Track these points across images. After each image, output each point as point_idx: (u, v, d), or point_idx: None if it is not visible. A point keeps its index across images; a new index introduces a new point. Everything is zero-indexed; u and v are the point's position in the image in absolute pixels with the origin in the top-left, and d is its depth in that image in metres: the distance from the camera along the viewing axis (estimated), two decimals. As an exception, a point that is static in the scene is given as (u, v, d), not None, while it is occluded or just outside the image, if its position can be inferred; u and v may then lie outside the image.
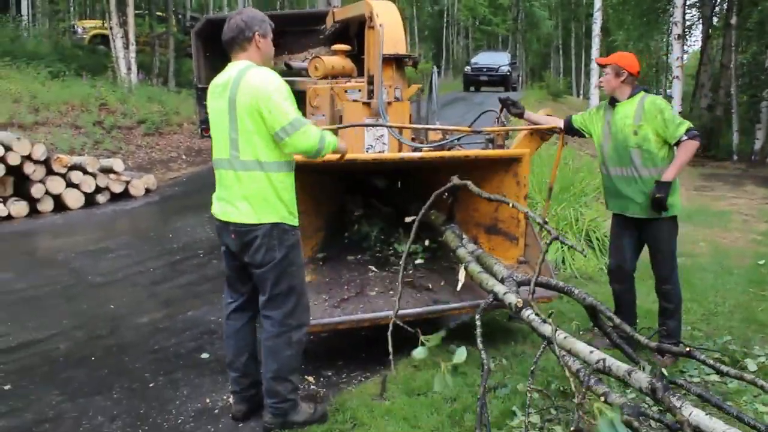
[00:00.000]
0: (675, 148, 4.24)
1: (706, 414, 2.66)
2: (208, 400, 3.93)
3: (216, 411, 3.81)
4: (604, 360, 3.04)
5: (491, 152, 5.05)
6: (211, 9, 27.21)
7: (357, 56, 6.11)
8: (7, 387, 4.10)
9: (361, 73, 5.81)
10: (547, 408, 3.55)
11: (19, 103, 12.26)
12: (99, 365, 4.45)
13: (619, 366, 2.99)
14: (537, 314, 3.42)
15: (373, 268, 4.96)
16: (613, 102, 4.45)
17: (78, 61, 17.49)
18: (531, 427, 3.34)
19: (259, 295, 3.50)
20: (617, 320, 3.48)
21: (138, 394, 4.03)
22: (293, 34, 6.97)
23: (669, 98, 15.31)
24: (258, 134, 3.26)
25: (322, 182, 4.89)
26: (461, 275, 4.53)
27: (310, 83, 5.73)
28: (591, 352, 3.13)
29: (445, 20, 41.62)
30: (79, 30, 22.05)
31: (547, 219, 5.59)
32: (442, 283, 4.75)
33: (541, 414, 3.51)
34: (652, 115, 4.20)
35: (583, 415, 2.73)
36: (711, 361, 3.28)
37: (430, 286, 4.72)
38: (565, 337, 3.30)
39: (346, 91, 5.47)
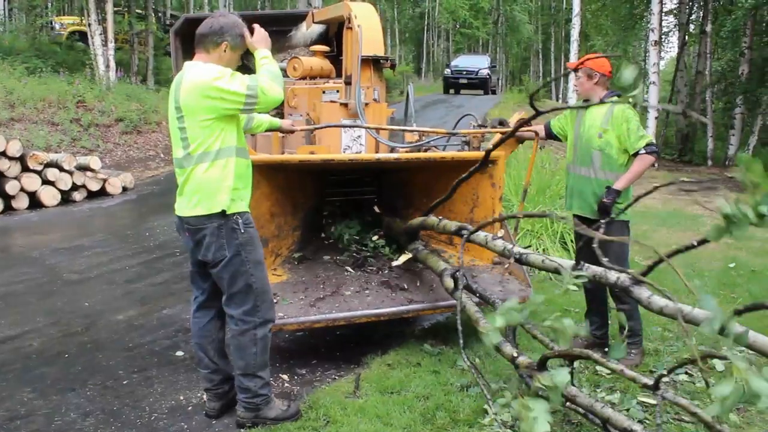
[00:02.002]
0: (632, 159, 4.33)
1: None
2: (182, 397, 3.94)
3: (190, 408, 3.82)
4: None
5: (466, 154, 5.10)
6: (191, 8, 27.09)
7: (335, 57, 6.14)
8: (-22, 384, 4.08)
9: (339, 75, 5.84)
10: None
11: (-6, 98, 12.14)
12: (72, 362, 4.44)
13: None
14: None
15: (349, 269, 4.99)
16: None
17: (55, 57, 17.33)
18: (502, 425, 3.39)
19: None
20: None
21: (111, 391, 4.02)
22: (272, 35, 6.97)
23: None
24: (203, 128, 3.24)
25: (299, 182, 4.91)
26: (403, 257, 4.76)
27: (289, 84, 5.76)
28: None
29: (425, 23, 41.75)
30: (57, 26, 21.81)
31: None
32: (417, 284, 4.79)
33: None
34: (618, 122, 4.27)
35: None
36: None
37: (405, 286, 4.75)
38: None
39: (323, 92, 5.51)
